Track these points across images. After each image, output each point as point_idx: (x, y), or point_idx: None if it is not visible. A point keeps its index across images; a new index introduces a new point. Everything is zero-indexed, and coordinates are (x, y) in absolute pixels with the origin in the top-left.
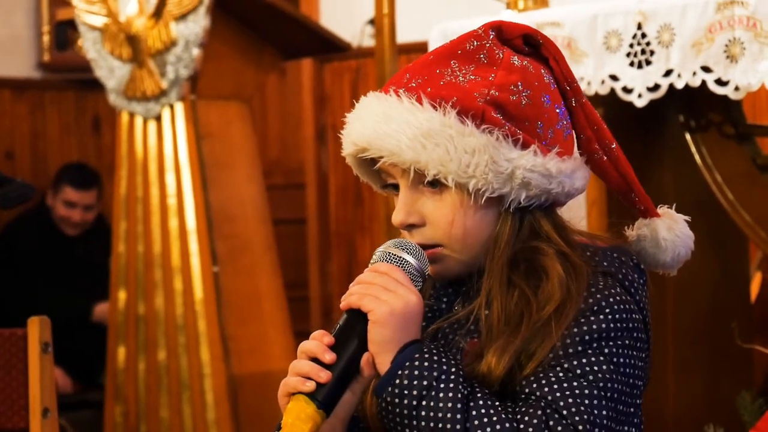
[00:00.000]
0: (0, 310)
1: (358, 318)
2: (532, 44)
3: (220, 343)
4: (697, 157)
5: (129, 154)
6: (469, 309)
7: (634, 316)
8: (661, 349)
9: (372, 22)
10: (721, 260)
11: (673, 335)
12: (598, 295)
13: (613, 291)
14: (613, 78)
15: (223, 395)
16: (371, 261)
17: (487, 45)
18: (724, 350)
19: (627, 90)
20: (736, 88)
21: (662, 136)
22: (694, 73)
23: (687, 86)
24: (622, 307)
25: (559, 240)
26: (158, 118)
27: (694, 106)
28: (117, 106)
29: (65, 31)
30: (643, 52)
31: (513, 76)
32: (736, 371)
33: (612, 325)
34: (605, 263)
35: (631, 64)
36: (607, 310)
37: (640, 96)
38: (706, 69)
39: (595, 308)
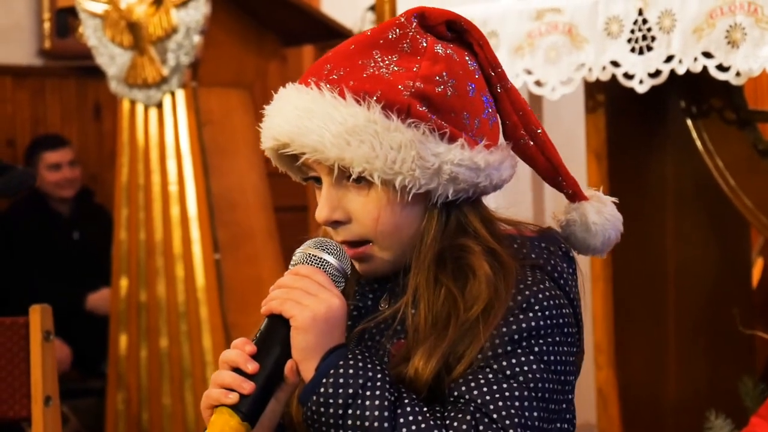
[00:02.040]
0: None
1: (279, 324)
2: (455, 30)
3: (222, 331)
4: (698, 143)
5: (130, 141)
6: (395, 308)
7: (564, 311)
8: (663, 335)
9: (373, 8)
10: (722, 246)
11: (675, 321)
12: (527, 292)
13: (542, 286)
14: (615, 64)
15: None
16: (291, 263)
17: (410, 33)
18: (725, 336)
19: (628, 76)
20: (738, 74)
21: (663, 122)
22: (696, 59)
23: (688, 72)
24: (551, 302)
25: (486, 235)
26: (159, 106)
27: (696, 92)
28: (118, 93)
29: (66, 18)
30: (644, 38)
31: (437, 66)
32: (738, 357)
33: (542, 323)
34: (533, 255)
35: (632, 50)
36: (537, 307)
37: (641, 82)
38: (707, 54)
39: (524, 305)
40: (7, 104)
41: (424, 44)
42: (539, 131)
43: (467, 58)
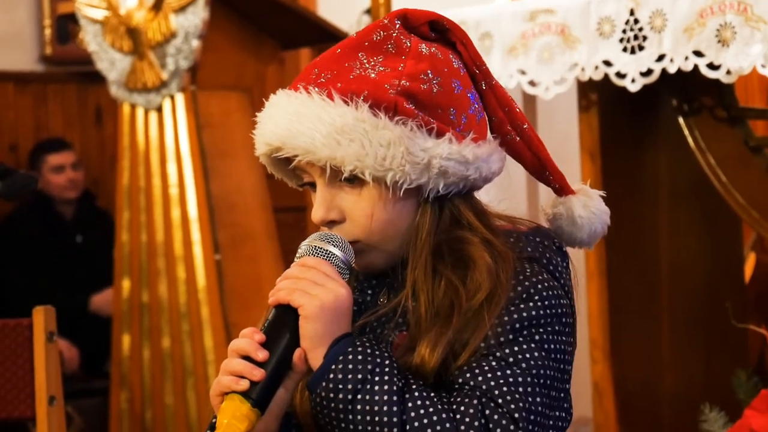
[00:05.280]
0: (3, 299)
1: (288, 313)
2: (438, 30)
3: (223, 330)
4: (690, 140)
5: (131, 144)
6: (395, 302)
7: (561, 301)
8: (657, 329)
9: (368, 11)
10: (715, 242)
11: (669, 316)
12: (526, 282)
13: (540, 277)
14: (607, 63)
15: None
16: (297, 255)
17: (394, 34)
18: (719, 330)
19: (620, 75)
20: (728, 72)
21: (656, 120)
22: (687, 58)
23: (679, 71)
24: (550, 293)
25: (481, 227)
26: (159, 109)
27: (687, 90)
28: (118, 97)
29: (66, 25)
30: (635, 37)
31: (422, 65)
32: (731, 351)
33: (542, 312)
34: (529, 248)
35: (624, 49)
36: (536, 297)
37: (633, 81)
38: (698, 53)
39: (524, 296)
40: (9, 110)
41: (408, 44)
42: (525, 126)
43: (451, 56)
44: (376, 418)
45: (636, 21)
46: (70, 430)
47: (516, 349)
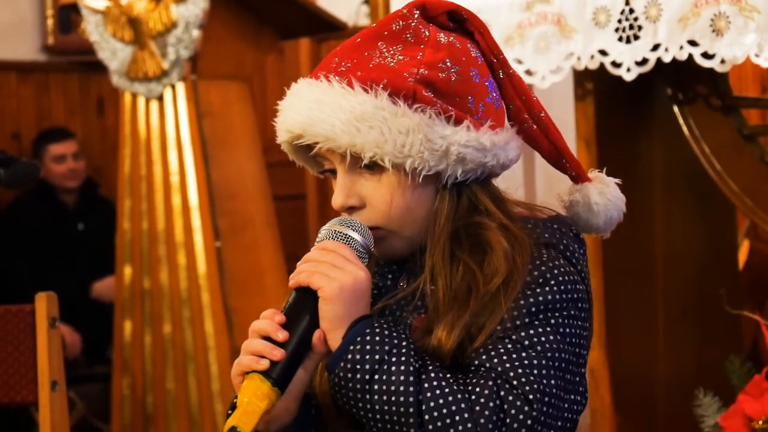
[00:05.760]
0: (6, 286)
1: (307, 295)
2: (456, 20)
3: (224, 316)
4: (685, 129)
5: (132, 133)
6: (414, 286)
7: (578, 287)
8: (652, 316)
9: (367, 1)
10: (709, 229)
11: (664, 303)
12: (543, 267)
13: (557, 262)
14: (603, 53)
15: (227, 367)
16: (317, 239)
17: (413, 24)
18: (713, 316)
19: (616, 64)
20: (722, 61)
21: (651, 109)
22: (681, 47)
23: (674, 60)
24: (566, 278)
25: (499, 213)
26: (160, 98)
27: (682, 79)
28: (120, 87)
29: (68, 15)
30: (631, 27)
31: (440, 53)
32: (725, 336)
33: (558, 296)
34: (546, 235)
35: (620, 39)
36: (552, 282)
37: (628, 70)
38: (692, 43)
39: (541, 280)
40: (12, 99)
41: (427, 33)
42: (542, 115)
43: (469, 45)
44: (393, 398)
45: (631, 11)
46: (73, 415)
47: (532, 332)
